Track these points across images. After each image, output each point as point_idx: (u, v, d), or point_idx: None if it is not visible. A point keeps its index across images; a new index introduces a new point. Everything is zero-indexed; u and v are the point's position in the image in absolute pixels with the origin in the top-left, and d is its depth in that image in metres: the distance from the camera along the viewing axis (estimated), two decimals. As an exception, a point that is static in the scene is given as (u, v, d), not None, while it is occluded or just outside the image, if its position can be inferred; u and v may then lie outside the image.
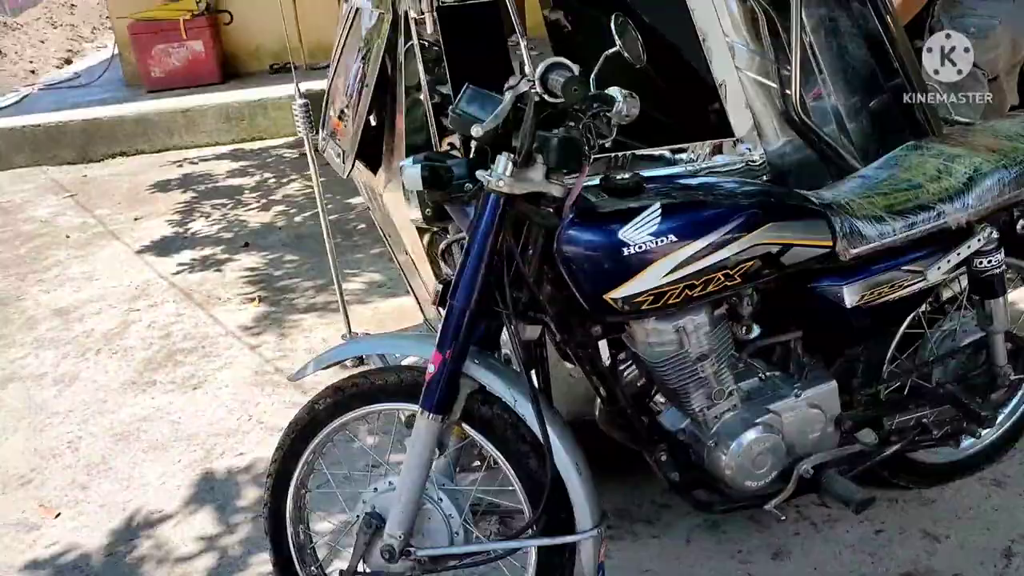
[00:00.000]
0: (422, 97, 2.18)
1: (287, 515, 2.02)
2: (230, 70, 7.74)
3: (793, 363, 2.08)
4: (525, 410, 1.77)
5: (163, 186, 6.08)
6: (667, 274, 1.74)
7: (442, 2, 2.11)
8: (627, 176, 1.81)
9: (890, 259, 1.98)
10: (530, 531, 1.82)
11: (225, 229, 5.09)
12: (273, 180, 5.95)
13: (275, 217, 5.21)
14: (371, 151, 2.33)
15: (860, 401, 2.10)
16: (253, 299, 4.08)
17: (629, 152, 2.23)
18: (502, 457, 1.82)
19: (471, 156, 1.78)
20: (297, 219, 5.15)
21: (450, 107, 1.74)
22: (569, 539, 1.81)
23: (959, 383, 2.20)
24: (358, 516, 1.88)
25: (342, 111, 2.55)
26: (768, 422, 1.97)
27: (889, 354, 2.15)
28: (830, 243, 1.89)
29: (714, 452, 1.96)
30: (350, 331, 2.97)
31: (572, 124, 1.66)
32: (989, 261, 2.05)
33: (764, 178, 2.31)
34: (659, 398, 2.09)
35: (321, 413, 1.92)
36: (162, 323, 3.95)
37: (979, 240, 2.03)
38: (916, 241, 1.98)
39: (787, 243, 1.85)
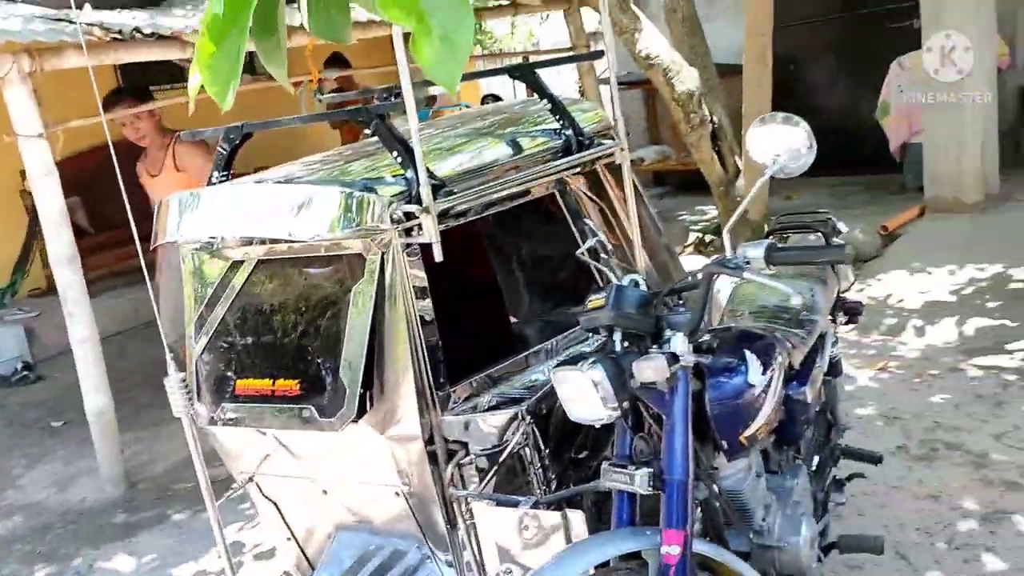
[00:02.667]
0: (411, 333, 2.11)
1: None
2: None
3: (771, 459, 2.48)
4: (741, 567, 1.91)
5: None
6: (772, 403, 2.07)
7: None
8: (708, 338, 2.09)
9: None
10: None
11: None
12: None
13: None
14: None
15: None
16: None
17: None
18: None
19: (621, 346, 1.89)
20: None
21: (608, 307, 1.85)
22: None
23: None
24: None
25: (272, 370, 2.24)
26: (804, 510, 2.35)
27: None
28: None
29: (786, 553, 2.24)
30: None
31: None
32: None
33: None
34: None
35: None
36: None
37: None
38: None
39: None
